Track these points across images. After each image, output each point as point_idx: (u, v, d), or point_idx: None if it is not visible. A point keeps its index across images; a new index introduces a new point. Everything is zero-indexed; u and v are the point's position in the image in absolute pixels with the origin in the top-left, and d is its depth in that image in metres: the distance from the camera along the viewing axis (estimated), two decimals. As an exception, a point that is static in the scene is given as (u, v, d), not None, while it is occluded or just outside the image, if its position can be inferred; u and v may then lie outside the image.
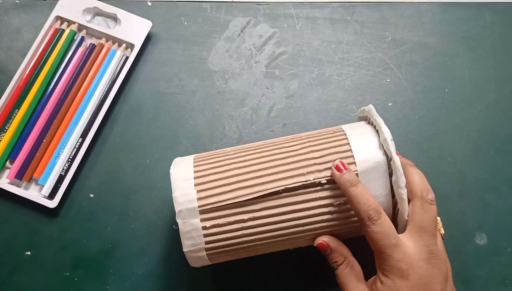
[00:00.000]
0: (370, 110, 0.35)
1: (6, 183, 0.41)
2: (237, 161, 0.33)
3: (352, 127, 0.35)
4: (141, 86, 0.46)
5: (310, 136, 0.35)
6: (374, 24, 0.48)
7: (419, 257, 0.30)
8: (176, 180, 0.33)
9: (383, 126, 0.32)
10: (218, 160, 0.34)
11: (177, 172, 0.33)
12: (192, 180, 0.33)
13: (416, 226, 0.31)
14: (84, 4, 0.46)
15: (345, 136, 0.34)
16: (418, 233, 0.31)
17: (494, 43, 0.47)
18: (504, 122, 0.45)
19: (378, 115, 0.34)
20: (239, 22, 0.48)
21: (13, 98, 0.43)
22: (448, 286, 0.31)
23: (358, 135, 0.34)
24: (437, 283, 0.30)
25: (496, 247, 0.41)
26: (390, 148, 0.32)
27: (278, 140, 0.35)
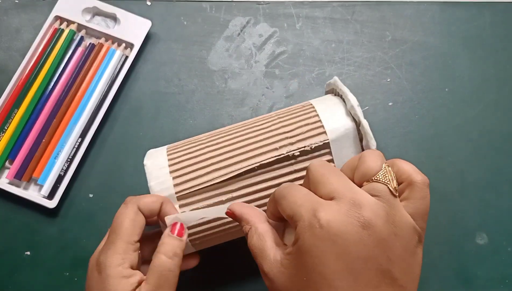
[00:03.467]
0: (335, 82, 0.35)
1: (6, 183, 0.41)
2: (210, 145, 0.33)
3: (320, 101, 0.35)
4: (140, 86, 0.46)
5: (280, 113, 0.35)
6: (374, 24, 0.48)
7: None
8: (150, 170, 0.33)
9: (348, 94, 0.33)
10: (191, 146, 0.34)
11: (151, 163, 0.33)
12: (167, 168, 0.33)
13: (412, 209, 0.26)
14: (83, 4, 0.46)
15: (314, 108, 0.34)
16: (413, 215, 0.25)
17: (494, 43, 0.47)
18: (504, 122, 0.45)
19: (343, 85, 0.34)
20: (238, 22, 0.48)
21: (12, 98, 0.43)
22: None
23: (326, 106, 0.34)
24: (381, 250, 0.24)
25: (496, 247, 0.41)
26: (357, 113, 0.32)
27: (249, 121, 0.35)
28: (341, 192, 0.24)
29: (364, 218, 0.23)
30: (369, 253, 0.23)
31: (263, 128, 0.34)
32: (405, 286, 0.23)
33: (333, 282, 0.23)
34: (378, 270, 0.23)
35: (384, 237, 0.23)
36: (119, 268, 0.28)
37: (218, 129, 0.36)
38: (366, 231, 0.23)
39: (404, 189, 0.26)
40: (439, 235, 0.41)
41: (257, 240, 0.27)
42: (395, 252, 0.23)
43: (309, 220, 0.24)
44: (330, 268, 0.23)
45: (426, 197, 0.25)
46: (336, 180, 0.25)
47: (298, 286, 0.24)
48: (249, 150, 0.32)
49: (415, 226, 0.24)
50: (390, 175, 0.25)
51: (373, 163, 0.26)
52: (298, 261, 0.24)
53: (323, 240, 0.23)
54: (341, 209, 0.24)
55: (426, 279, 0.40)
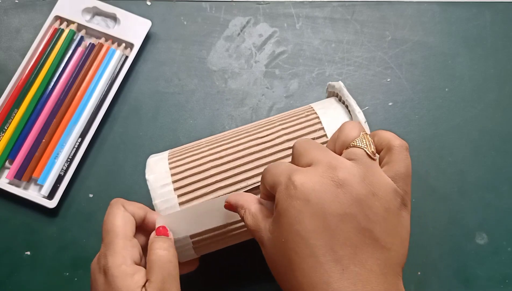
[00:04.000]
0: (340, 89, 0.34)
1: (5, 183, 0.41)
2: (213, 158, 0.33)
3: (324, 109, 0.34)
4: (140, 86, 0.46)
5: (283, 121, 0.34)
6: (374, 24, 0.48)
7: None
8: (154, 187, 0.32)
9: (356, 109, 0.32)
10: (194, 159, 0.33)
11: (154, 178, 0.32)
12: (171, 185, 0.32)
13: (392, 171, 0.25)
14: (83, 4, 0.46)
15: (319, 120, 0.33)
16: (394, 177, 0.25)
17: (494, 43, 0.47)
18: (504, 122, 0.45)
19: (349, 96, 0.33)
20: (238, 22, 0.48)
21: (12, 98, 0.43)
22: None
23: (332, 119, 0.33)
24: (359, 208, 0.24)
25: (496, 247, 0.41)
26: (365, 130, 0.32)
27: (251, 128, 0.35)
28: (319, 159, 0.25)
29: (339, 178, 0.23)
30: (345, 211, 0.23)
31: (268, 140, 0.33)
32: (389, 248, 0.23)
33: (309, 240, 0.23)
34: (356, 228, 0.23)
35: (360, 196, 0.23)
36: (122, 266, 0.28)
37: (219, 136, 0.35)
38: (340, 189, 0.23)
39: (384, 155, 0.26)
40: (439, 235, 0.41)
41: (251, 219, 0.27)
42: (375, 211, 0.23)
43: (286, 183, 0.24)
44: (306, 226, 0.23)
45: (405, 160, 0.25)
46: (316, 150, 0.26)
47: (280, 248, 0.24)
48: (255, 166, 0.32)
49: (396, 188, 0.24)
50: (368, 140, 0.25)
51: (350, 130, 0.26)
52: (279, 224, 0.24)
53: (298, 200, 0.23)
54: (317, 171, 0.24)
55: (426, 279, 0.40)
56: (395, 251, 0.23)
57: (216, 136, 0.36)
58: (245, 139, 0.34)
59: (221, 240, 0.33)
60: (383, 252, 0.23)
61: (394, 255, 0.23)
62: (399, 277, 0.24)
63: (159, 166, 0.33)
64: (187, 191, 0.32)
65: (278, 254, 0.25)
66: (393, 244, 0.23)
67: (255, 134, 0.34)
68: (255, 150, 0.33)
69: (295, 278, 0.23)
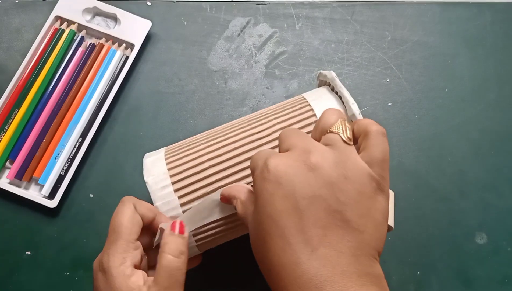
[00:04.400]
0: (333, 79, 0.34)
1: (6, 183, 0.41)
2: (211, 157, 0.33)
3: (318, 101, 0.34)
4: (141, 86, 0.46)
5: (278, 115, 0.34)
6: (374, 24, 0.48)
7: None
8: (154, 190, 0.32)
9: (350, 100, 0.32)
10: (192, 158, 0.33)
11: (153, 180, 0.32)
12: (171, 187, 0.32)
13: (367, 156, 0.26)
14: (83, 4, 0.46)
15: (313, 112, 0.33)
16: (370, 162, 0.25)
17: (494, 43, 0.47)
18: (504, 122, 0.45)
19: (342, 86, 0.33)
20: (239, 22, 0.48)
21: (13, 98, 0.43)
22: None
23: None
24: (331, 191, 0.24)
25: (496, 247, 0.41)
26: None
27: (245, 122, 0.35)
28: (296, 144, 0.25)
29: (311, 161, 0.24)
30: (315, 193, 0.23)
31: (264, 136, 0.33)
32: (362, 230, 0.23)
33: (279, 221, 0.23)
34: (326, 210, 0.23)
35: (332, 179, 0.23)
36: (121, 267, 0.28)
37: (214, 131, 0.35)
38: (312, 172, 0.24)
39: (361, 141, 0.26)
40: (439, 235, 0.41)
41: (241, 207, 0.28)
42: (346, 194, 0.23)
43: (261, 167, 0.25)
44: (277, 208, 0.24)
45: (381, 145, 0.25)
46: (295, 137, 0.26)
47: (257, 229, 0.25)
48: None
49: (370, 172, 0.24)
50: (344, 126, 0.26)
51: (328, 117, 0.27)
52: (256, 207, 0.25)
53: (270, 182, 0.24)
54: (291, 155, 0.25)
55: (426, 279, 0.40)
56: (368, 234, 0.23)
57: (211, 132, 0.35)
58: (241, 135, 0.33)
59: (223, 235, 0.33)
60: (354, 234, 0.23)
61: (367, 238, 0.23)
62: (374, 260, 0.23)
63: (157, 166, 0.33)
64: (187, 192, 0.32)
65: (255, 236, 0.25)
66: (366, 226, 0.23)
67: (250, 129, 0.34)
68: (252, 147, 0.33)
69: (268, 258, 0.24)
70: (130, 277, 0.28)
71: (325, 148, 0.25)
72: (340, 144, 0.25)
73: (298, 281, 0.23)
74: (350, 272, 0.22)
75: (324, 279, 0.22)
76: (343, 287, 0.22)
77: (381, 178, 0.24)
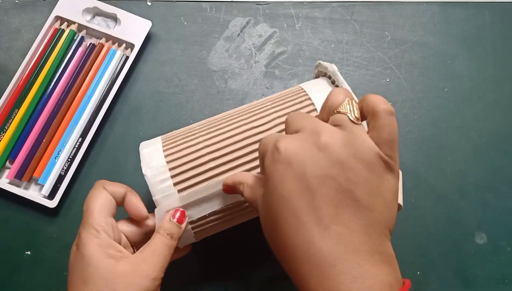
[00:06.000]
0: (335, 74, 0.34)
1: (6, 183, 0.41)
2: (210, 150, 0.32)
3: (318, 93, 0.34)
4: (141, 86, 0.46)
5: (277, 108, 0.34)
6: (374, 24, 0.48)
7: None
8: (153, 183, 0.32)
9: (352, 95, 0.32)
10: (191, 151, 0.33)
11: (151, 173, 0.32)
12: (170, 180, 0.32)
13: (376, 135, 0.25)
14: (84, 4, 0.46)
15: (314, 106, 0.33)
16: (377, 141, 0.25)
17: (494, 43, 0.47)
18: (504, 122, 0.45)
19: (344, 81, 0.33)
20: (238, 22, 0.48)
21: (13, 98, 0.43)
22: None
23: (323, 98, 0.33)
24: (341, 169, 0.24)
25: (496, 247, 0.41)
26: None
27: (244, 113, 0.34)
28: (304, 125, 0.25)
29: (321, 141, 0.24)
30: (325, 172, 0.23)
31: (265, 130, 0.33)
32: (373, 209, 0.23)
33: (291, 202, 0.24)
34: (337, 189, 0.23)
35: (341, 158, 0.23)
36: (95, 240, 0.28)
37: (212, 120, 0.35)
38: (322, 152, 0.24)
39: (370, 120, 0.26)
40: (439, 235, 0.41)
41: (249, 191, 0.28)
42: (356, 173, 0.23)
43: (271, 149, 0.25)
44: (288, 188, 0.24)
45: (389, 125, 0.24)
46: (303, 119, 0.26)
47: (268, 211, 0.25)
48: (254, 158, 0.32)
49: (379, 152, 0.24)
50: (352, 105, 0.26)
51: (336, 97, 0.27)
52: (266, 189, 0.25)
53: (281, 163, 0.24)
54: (300, 136, 0.25)
55: (426, 279, 0.40)
56: (378, 212, 0.23)
57: (209, 121, 0.35)
58: (241, 128, 0.33)
59: (220, 224, 0.33)
60: (365, 212, 0.23)
61: (378, 216, 0.23)
62: (385, 239, 0.24)
63: (155, 158, 0.33)
64: (187, 185, 0.32)
65: (267, 218, 0.26)
66: (377, 205, 0.23)
67: (250, 122, 0.33)
68: (253, 141, 0.32)
69: (280, 239, 0.24)
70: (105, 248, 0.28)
71: (334, 128, 0.25)
72: (348, 124, 0.25)
73: (311, 260, 0.23)
74: (362, 250, 0.23)
75: (338, 256, 0.22)
76: (356, 265, 0.22)
77: (390, 157, 0.24)
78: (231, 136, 0.33)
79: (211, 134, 0.33)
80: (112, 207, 0.31)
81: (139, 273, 0.28)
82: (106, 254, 0.28)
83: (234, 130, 0.33)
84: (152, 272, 0.28)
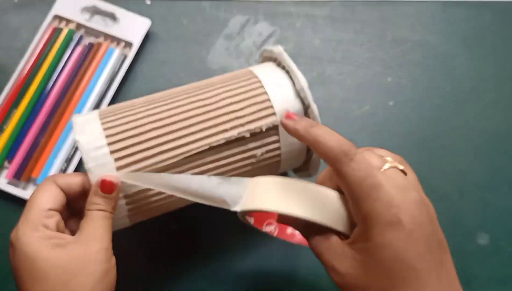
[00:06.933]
0: (280, 53, 0.34)
1: (4, 183, 0.41)
2: (152, 120, 0.30)
3: (265, 73, 0.34)
4: (139, 85, 0.45)
5: (224, 84, 0.33)
6: (375, 23, 0.48)
7: (403, 194, 0.25)
8: (86, 149, 0.29)
9: (298, 74, 0.32)
10: (130, 120, 0.30)
11: (85, 140, 0.29)
12: (106, 147, 0.29)
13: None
14: (82, 3, 0.46)
15: (261, 84, 0.33)
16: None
17: (494, 43, 0.47)
18: (504, 122, 0.45)
19: (290, 60, 0.33)
20: (238, 21, 0.48)
21: (11, 98, 0.43)
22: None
23: (274, 84, 0.33)
24: (432, 219, 0.26)
25: (496, 247, 0.41)
26: (307, 96, 0.32)
27: (190, 90, 0.33)
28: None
29: (421, 198, 0.26)
30: (431, 228, 0.26)
31: (210, 103, 0.32)
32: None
33: (416, 265, 0.25)
34: (435, 241, 0.26)
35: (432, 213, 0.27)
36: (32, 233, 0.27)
37: (155, 96, 0.33)
38: (423, 208, 0.26)
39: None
40: (439, 235, 0.41)
41: (319, 238, 0.28)
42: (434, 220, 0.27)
43: (389, 220, 0.25)
44: (413, 253, 0.25)
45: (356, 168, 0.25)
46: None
47: (378, 276, 0.25)
48: (198, 130, 0.31)
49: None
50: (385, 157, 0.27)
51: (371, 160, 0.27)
52: (376, 256, 0.25)
53: (403, 232, 0.25)
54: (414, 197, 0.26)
55: (426, 279, 0.40)
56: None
57: (152, 96, 0.33)
58: (185, 101, 0.32)
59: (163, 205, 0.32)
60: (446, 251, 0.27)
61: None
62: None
63: (91, 126, 0.30)
64: (125, 154, 0.29)
65: (370, 280, 0.26)
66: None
67: (195, 96, 0.32)
68: (197, 113, 0.31)
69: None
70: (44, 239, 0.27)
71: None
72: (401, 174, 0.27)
73: None
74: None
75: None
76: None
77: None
78: (175, 108, 0.31)
79: (152, 106, 0.32)
80: (58, 200, 0.28)
81: (89, 250, 0.27)
82: (51, 244, 0.26)
83: (178, 103, 0.32)
84: (101, 243, 0.27)
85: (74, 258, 0.26)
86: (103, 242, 0.27)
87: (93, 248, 0.27)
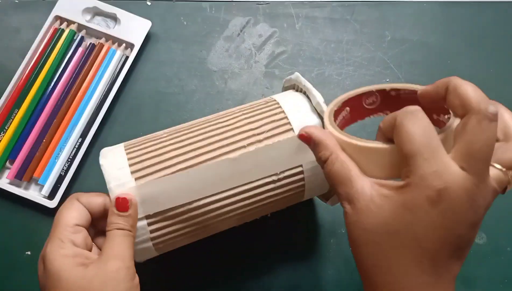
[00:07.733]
0: (297, 77, 0.35)
1: (6, 183, 0.41)
2: (173, 142, 0.31)
3: (283, 96, 0.35)
4: (140, 86, 0.46)
5: (243, 109, 0.34)
6: (374, 24, 0.48)
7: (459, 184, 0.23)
8: (109, 170, 0.30)
9: (312, 90, 0.33)
10: (152, 143, 0.32)
11: (108, 162, 0.30)
12: (127, 168, 0.30)
13: (464, 149, 0.24)
14: (83, 4, 0.46)
15: (278, 105, 0.34)
16: (465, 158, 0.23)
17: (495, 42, 0.47)
18: (504, 122, 0.45)
19: (306, 81, 0.34)
20: (238, 22, 0.48)
21: (12, 98, 0.43)
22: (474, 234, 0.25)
23: (291, 103, 0.34)
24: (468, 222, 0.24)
25: (496, 247, 0.41)
26: (323, 110, 0.32)
27: (210, 118, 0.34)
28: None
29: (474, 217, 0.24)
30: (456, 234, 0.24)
31: (229, 124, 0.33)
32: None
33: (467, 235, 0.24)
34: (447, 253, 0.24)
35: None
36: (60, 250, 0.27)
37: (178, 126, 0.34)
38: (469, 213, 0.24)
39: (459, 120, 0.25)
40: (439, 235, 0.41)
41: (340, 167, 0.26)
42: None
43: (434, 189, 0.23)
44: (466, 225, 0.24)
45: (484, 138, 0.23)
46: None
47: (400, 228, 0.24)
48: (217, 147, 0.31)
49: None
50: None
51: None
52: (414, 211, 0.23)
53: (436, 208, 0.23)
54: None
55: (425, 279, 0.40)
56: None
57: (175, 127, 0.34)
58: (205, 124, 0.33)
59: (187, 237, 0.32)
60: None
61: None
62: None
63: (114, 152, 0.31)
64: (145, 174, 0.30)
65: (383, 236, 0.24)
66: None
67: (215, 121, 0.33)
68: (217, 133, 0.32)
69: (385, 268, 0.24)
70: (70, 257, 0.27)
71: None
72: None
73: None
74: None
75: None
76: None
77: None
78: (194, 131, 0.32)
79: (174, 133, 0.33)
80: (83, 217, 0.29)
81: (109, 268, 0.27)
82: (74, 263, 0.27)
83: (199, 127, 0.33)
84: (121, 262, 0.27)
85: (95, 277, 0.27)
86: (124, 261, 0.28)
87: (113, 266, 0.27)
